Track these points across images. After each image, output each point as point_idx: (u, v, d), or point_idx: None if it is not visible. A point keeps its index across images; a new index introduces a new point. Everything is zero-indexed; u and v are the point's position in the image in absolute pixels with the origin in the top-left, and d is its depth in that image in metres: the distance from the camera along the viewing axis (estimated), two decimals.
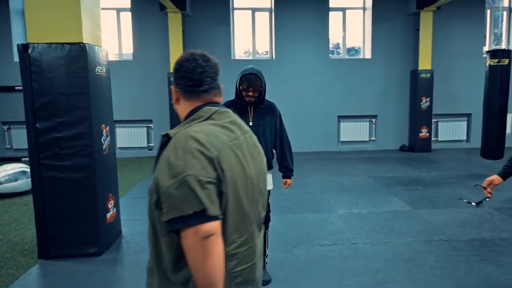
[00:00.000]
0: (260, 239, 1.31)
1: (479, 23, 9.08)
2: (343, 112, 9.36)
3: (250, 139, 1.29)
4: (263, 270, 3.14)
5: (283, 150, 3.03)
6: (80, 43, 3.51)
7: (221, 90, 1.32)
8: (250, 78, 2.75)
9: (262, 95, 2.84)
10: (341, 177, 6.69)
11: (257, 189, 1.24)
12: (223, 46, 9.03)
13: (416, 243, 3.87)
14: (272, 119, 2.92)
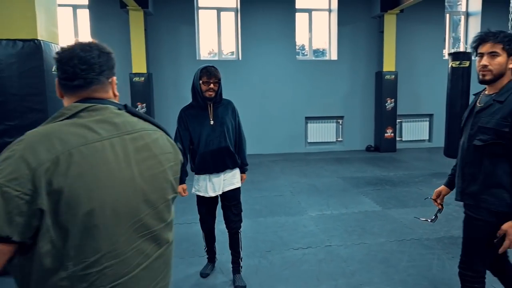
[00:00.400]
0: (151, 255, 1.13)
1: (439, 26, 9.40)
2: (311, 113, 9.39)
3: (136, 140, 1.11)
4: (238, 275, 3.08)
5: (240, 146, 3.02)
6: (35, 40, 3.22)
7: (105, 85, 1.17)
8: (210, 69, 2.74)
9: (219, 93, 2.82)
10: (310, 179, 6.67)
11: (140, 196, 1.08)
12: (188, 46, 8.82)
13: (389, 243, 3.87)
14: (232, 116, 2.92)
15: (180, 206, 5.15)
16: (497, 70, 1.92)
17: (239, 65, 9.03)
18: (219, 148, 2.83)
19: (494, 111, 1.92)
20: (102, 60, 1.15)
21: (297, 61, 9.25)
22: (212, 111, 2.85)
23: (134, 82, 8.21)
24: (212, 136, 2.81)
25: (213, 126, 2.82)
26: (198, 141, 2.84)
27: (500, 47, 1.91)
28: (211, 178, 2.90)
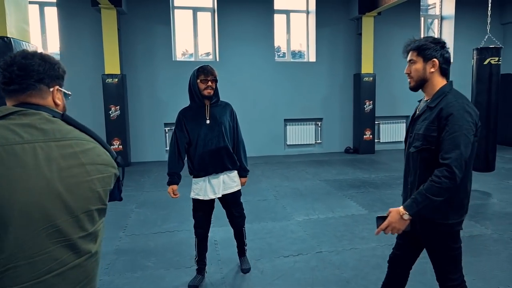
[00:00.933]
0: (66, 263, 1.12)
1: (415, 29, 9.55)
2: (290, 115, 9.31)
3: (63, 148, 1.14)
4: (243, 257, 3.30)
5: (238, 149, 3.02)
6: (4, 37, 2.95)
7: (43, 92, 1.22)
8: (207, 68, 2.80)
9: (216, 92, 2.87)
10: (293, 182, 6.56)
11: (58, 203, 1.10)
12: (163, 47, 8.53)
13: (380, 248, 3.79)
14: (230, 117, 2.95)
15: (161, 214, 4.93)
16: (416, 77, 1.96)
17: (216, 66, 8.50)
18: (217, 148, 2.83)
19: (425, 117, 1.92)
20: (43, 69, 1.21)
21: (276, 62, 9.15)
22: (209, 110, 2.85)
23: (107, 84, 7.85)
24: (210, 136, 2.82)
25: (210, 125, 2.82)
26: (196, 141, 2.83)
27: (415, 54, 1.96)
28: (210, 180, 2.89)
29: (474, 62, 5.39)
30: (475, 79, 5.42)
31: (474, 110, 1.88)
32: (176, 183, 2.88)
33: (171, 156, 2.91)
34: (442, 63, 1.93)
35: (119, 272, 3.38)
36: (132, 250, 3.85)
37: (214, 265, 3.48)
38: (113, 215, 4.89)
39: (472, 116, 1.83)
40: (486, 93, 5.32)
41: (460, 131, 1.77)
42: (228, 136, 2.90)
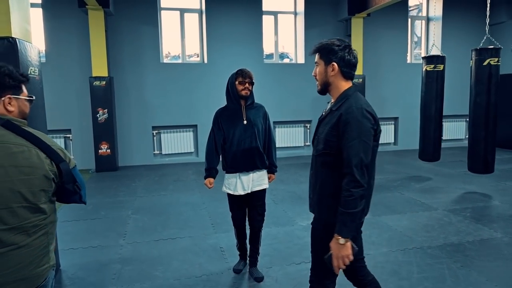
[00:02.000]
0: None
1: (403, 31, 9.61)
2: (279, 117, 9.17)
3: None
4: (254, 268, 3.25)
5: (270, 148, 3.15)
6: (9, 38, 2.74)
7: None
8: (244, 71, 2.97)
9: (252, 93, 3.01)
10: (288, 185, 6.41)
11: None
12: (151, 48, 8.27)
13: (392, 253, 3.67)
14: (262, 119, 3.09)
15: (159, 219, 4.67)
16: (320, 80, 1.96)
17: (205, 68, 8.62)
18: (250, 148, 2.98)
19: (328, 121, 1.91)
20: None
21: (264, 64, 9.01)
22: (245, 112, 3.01)
23: (95, 86, 7.58)
24: (244, 136, 2.97)
25: (246, 126, 2.98)
26: (231, 140, 2.99)
27: (318, 56, 1.96)
28: (241, 177, 3.03)
29: (473, 63, 5.38)
30: (474, 80, 5.42)
31: (373, 115, 1.85)
32: (213, 177, 3.09)
33: (209, 152, 3.08)
34: (342, 66, 1.88)
35: (127, 282, 3.19)
36: (136, 259, 3.64)
37: (226, 274, 3.29)
38: (109, 222, 4.67)
39: (370, 121, 1.81)
40: (485, 94, 5.32)
41: (359, 138, 1.76)
42: (260, 137, 3.03)
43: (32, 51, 3.03)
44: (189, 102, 8.45)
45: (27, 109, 1.67)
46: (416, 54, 10.27)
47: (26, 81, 1.65)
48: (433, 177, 6.72)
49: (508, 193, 5.67)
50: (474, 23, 9.85)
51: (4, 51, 2.69)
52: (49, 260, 1.58)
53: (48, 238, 1.56)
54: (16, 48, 2.72)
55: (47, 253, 1.57)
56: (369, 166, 1.82)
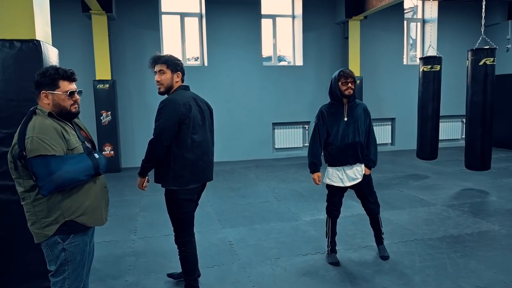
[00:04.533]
0: None
1: (399, 33, 9.81)
2: (277, 119, 9.32)
3: None
4: (381, 246, 3.52)
5: (369, 143, 3.33)
6: (34, 40, 2.83)
7: (36, 96, 1.99)
8: (346, 72, 3.17)
9: (354, 92, 3.20)
10: (289, 184, 6.53)
11: None
12: (152, 52, 8.23)
13: (394, 244, 3.81)
14: (364, 116, 3.26)
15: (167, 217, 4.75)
16: (166, 84, 2.69)
17: (205, 71, 8.74)
18: (353, 143, 3.19)
19: None
20: (36, 80, 1.99)
21: (263, 67, 9.15)
22: (347, 109, 3.21)
23: (98, 90, 7.71)
24: (346, 131, 3.18)
25: (348, 122, 3.19)
26: (335, 135, 3.21)
27: (164, 66, 2.67)
28: (345, 170, 3.24)
29: (469, 62, 5.56)
30: (470, 80, 5.59)
31: (184, 102, 2.59)
32: (319, 171, 3.29)
33: (314, 147, 3.30)
34: (183, 75, 2.76)
35: (143, 273, 3.33)
36: (149, 252, 3.78)
37: (237, 266, 3.42)
38: (119, 219, 4.79)
39: (177, 107, 2.55)
40: (482, 93, 5.49)
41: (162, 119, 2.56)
42: (361, 133, 3.23)
43: (53, 53, 3.14)
44: None
45: (64, 102, 1.96)
46: (411, 56, 10.47)
47: (59, 78, 1.95)
48: (430, 175, 6.88)
49: (504, 189, 5.84)
50: (468, 25, 10.07)
51: (29, 53, 2.79)
52: (43, 229, 1.91)
53: (35, 209, 1.90)
54: (40, 50, 2.82)
55: (35, 222, 1.92)
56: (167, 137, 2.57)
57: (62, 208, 1.91)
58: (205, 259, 3.47)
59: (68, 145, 1.92)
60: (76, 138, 2.01)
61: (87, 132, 2.21)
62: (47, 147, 1.81)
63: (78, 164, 1.90)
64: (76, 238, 1.99)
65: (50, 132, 1.86)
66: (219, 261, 3.50)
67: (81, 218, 1.97)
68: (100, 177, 2.11)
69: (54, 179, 1.81)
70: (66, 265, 1.98)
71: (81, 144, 2.01)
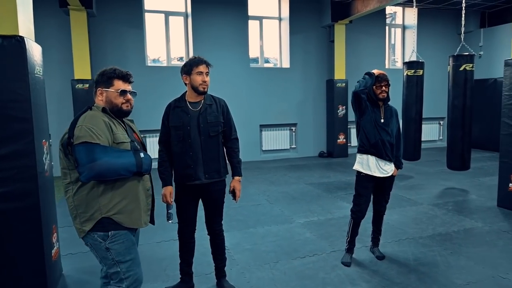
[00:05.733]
0: None
1: (381, 38, 10.08)
2: (265, 121, 9.41)
3: None
4: (376, 248, 3.70)
5: (398, 145, 3.52)
6: (17, 36, 2.75)
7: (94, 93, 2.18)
8: (379, 76, 3.30)
9: (388, 95, 3.38)
10: (280, 187, 6.64)
11: None
12: (135, 51, 8.27)
13: (388, 244, 3.96)
14: (395, 119, 3.48)
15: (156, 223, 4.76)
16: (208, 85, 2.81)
17: None
18: (384, 141, 3.36)
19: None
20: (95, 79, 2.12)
21: (251, 68, 9.23)
22: (383, 111, 3.41)
23: (77, 90, 7.47)
24: (382, 132, 3.36)
25: (383, 123, 3.37)
26: (373, 132, 3.38)
27: (208, 69, 2.82)
28: (378, 161, 3.39)
29: (450, 68, 5.81)
30: (452, 84, 5.85)
31: None
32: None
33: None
34: None
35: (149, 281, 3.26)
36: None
37: (235, 271, 3.45)
38: None
39: None
40: (462, 97, 5.76)
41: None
42: (393, 134, 3.41)
43: (36, 50, 3.04)
44: None
45: (116, 99, 2.09)
46: (392, 60, 10.77)
47: (115, 77, 2.10)
48: (414, 176, 7.13)
49: (482, 187, 6.13)
50: (445, 31, 10.48)
51: (12, 50, 2.70)
52: (82, 225, 1.97)
53: (75, 203, 1.97)
54: (24, 46, 2.73)
55: (76, 216, 1.98)
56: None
57: (100, 203, 1.95)
58: (202, 265, 3.46)
59: (115, 139, 1.98)
60: (125, 135, 2.06)
61: (139, 135, 2.27)
62: (93, 136, 1.88)
63: (121, 158, 1.95)
64: (117, 236, 2.00)
65: (99, 123, 1.94)
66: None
67: (118, 217, 1.99)
68: (145, 178, 2.13)
69: (94, 167, 1.85)
70: (117, 266, 2.01)
71: (129, 142, 2.06)
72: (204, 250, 3.57)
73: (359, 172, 3.49)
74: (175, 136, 2.79)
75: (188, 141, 2.77)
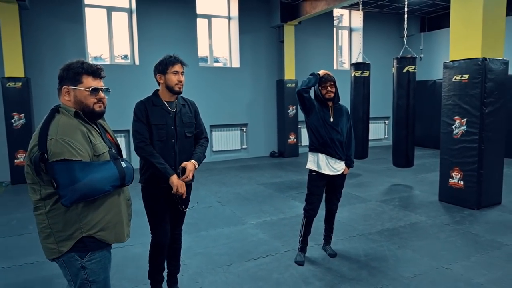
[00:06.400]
0: None
1: (329, 39, 10.33)
2: (215, 121, 9.27)
3: None
4: (329, 246, 3.74)
5: (349, 144, 3.55)
6: None
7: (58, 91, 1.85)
8: (324, 77, 3.34)
9: (336, 95, 3.39)
10: (231, 187, 6.55)
11: None
12: (74, 48, 7.76)
13: (340, 241, 4.01)
14: (346, 119, 3.48)
15: None
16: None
17: (136, 70, 8.35)
18: (333, 139, 3.38)
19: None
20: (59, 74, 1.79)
21: (200, 68, 9.06)
22: (333, 111, 3.42)
23: (8, 88, 6.88)
24: (331, 131, 3.38)
25: (332, 123, 3.38)
26: (320, 134, 3.41)
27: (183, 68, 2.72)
28: (328, 159, 3.42)
29: (395, 70, 6.05)
30: (396, 85, 6.08)
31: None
32: None
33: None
34: None
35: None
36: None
37: (187, 276, 3.32)
38: None
39: None
40: (405, 97, 6.01)
41: None
42: (344, 133, 3.44)
43: None
44: (119, 106, 8.00)
45: (86, 99, 1.78)
46: (339, 62, 11.09)
47: (83, 73, 1.79)
48: (362, 173, 7.36)
49: (425, 183, 6.44)
50: (389, 35, 10.96)
51: None
52: (58, 244, 1.71)
53: (49, 221, 1.70)
54: None
55: (50, 235, 1.71)
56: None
57: (80, 221, 1.71)
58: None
59: (95, 151, 1.73)
60: (102, 143, 1.81)
61: (112, 135, 1.99)
62: (72, 151, 1.62)
63: (105, 173, 1.71)
64: (96, 254, 1.78)
65: (76, 134, 1.67)
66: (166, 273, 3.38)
67: (101, 234, 1.76)
68: (124, 189, 1.91)
69: (78, 188, 1.61)
70: (89, 286, 1.77)
71: (108, 151, 1.81)
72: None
73: (311, 170, 3.50)
74: (156, 135, 2.60)
75: (171, 141, 2.63)
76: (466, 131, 4.90)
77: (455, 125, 5.00)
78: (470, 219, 4.60)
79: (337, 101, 3.45)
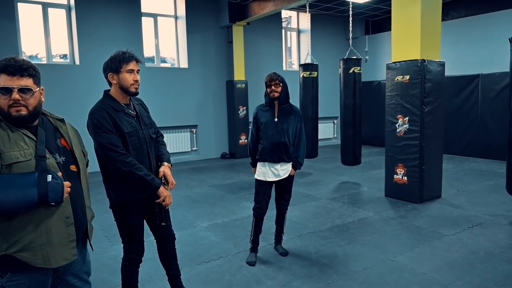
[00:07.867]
0: None
1: (278, 40, 10.44)
2: (163, 123, 8.97)
3: None
4: (279, 246, 3.73)
5: (298, 145, 3.47)
6: None
7: None
8: (269, 75, 3.36)
9: (282, 94, 3.35)
10: (182, 190, 6.37)
11: None
12: (5, 46, 7.17)
13: (291, 240, 4.02)
14: (294, 119, 3.40)
15: None
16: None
17: (76, 70, 7.91)
18: (278, 143, 3.34)
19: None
20: None
21: (146, 68, 8.74)
22: (277, 110, 3.37)
23: None
24: (274, 132, 3.34)
25: (276, 123, 3.34)
26: (265, 135, 3.37)
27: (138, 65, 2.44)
28: (270, 167, 3.40)
29: (341, 70, 6.21)
30: (343, 85, 6.25)
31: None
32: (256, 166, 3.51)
33: (252, 146, 3.51)
34: None
35: None
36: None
37: None
38: None
39: None
40: (352, 97, 6.19)
41: None
42: (289, 133, 3.37)
43: None
44: (59, 109, 7.46)
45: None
46: (289, 62, 11.25)
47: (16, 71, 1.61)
48: (313, 172, 7.49)
49: (372, 180, 6.68)
50: (335, 37, 11.30)
51: None
52: None
53: None
54: None
55: None
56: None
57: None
58: (96, 282, 3.12)
59: (3, 159, 1.46)
60: (26, 150, 1.52)
61: (67, 140, 1.72)
62: None
63: (11, 189, 1.43)
64: (19, 276, 1.54)
65: None
66: (113, 283, 3.18)
67: (23, 255, 1.51)
68: (62, 205, 1.58)
69: None
70: None
71: (34, 159, 1.52)
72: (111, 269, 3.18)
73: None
74: (130, 143, 2.34)
75: (144, 147, 2.40)
76: (408, 129, 5.13)
77: (398, 123, 5.22)
78: (414, 212, 4.82)
79: (285, 101, 3.40)
